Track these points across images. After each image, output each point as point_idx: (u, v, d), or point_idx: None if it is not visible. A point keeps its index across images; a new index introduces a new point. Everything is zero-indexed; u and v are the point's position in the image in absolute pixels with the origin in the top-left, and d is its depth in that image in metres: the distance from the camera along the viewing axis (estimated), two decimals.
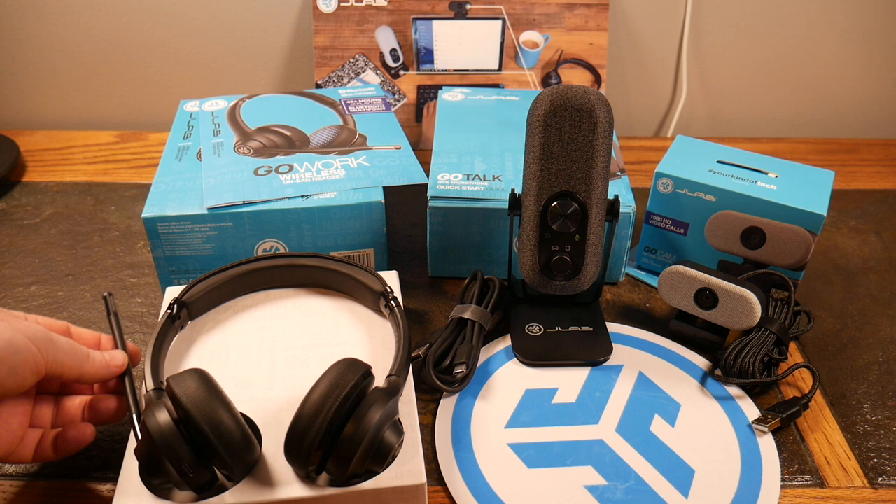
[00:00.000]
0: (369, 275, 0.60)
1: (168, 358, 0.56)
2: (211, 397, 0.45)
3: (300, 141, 0.75)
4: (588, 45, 0.92)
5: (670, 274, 0.63)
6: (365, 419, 0.45)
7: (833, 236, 0.81)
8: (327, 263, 0.62)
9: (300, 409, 0.45)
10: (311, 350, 0.58)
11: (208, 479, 0.46)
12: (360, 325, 0.60)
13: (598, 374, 0.62)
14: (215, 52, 0.98)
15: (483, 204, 0.68)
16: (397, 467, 0.48)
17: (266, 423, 0.51)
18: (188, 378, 0.46)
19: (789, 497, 0.53)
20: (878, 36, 0.97)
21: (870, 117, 1.04)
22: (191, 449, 0.44)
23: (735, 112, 1.04)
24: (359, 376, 0.46)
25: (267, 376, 0.55)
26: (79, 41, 0.97)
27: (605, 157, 0.58)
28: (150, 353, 0.51)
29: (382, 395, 0.47)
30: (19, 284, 0.72)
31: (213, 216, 0.65)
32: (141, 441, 0.45)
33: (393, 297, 0.57)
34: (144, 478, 0.47)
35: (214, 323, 0.60)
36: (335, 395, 0.45)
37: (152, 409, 0.45)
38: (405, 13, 0.91)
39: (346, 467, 0.46)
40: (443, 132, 0.78)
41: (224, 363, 0.56)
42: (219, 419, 0.45)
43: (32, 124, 1.03)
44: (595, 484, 0.53)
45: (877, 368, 0.64)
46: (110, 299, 0.55)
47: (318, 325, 0.60)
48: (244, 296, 0.63)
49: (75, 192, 0.86)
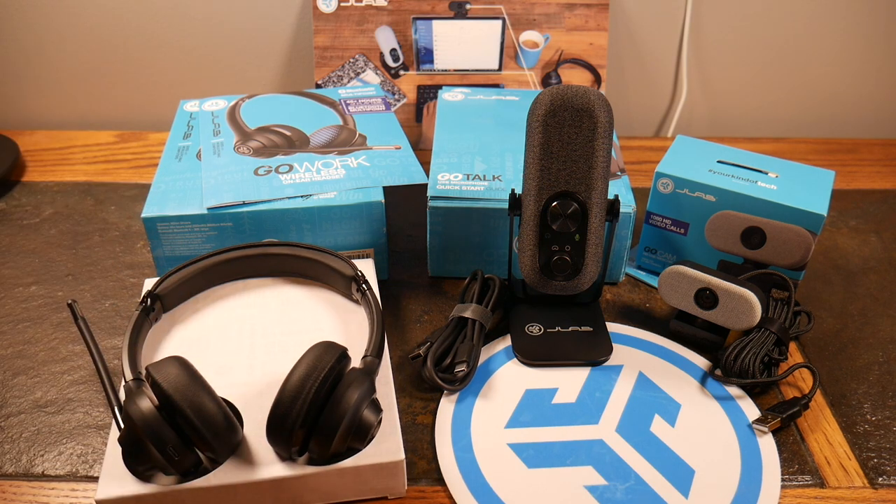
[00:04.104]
0: (340, 261, 0.61)
1: (145, 349, 0.57)
2: (191, 382, 0.46)
3: (300, 141, 0.75)
4: (588, 45, 0.92)
5: (670, 274, 0.63)
6: (344, 399, 0.47)
7: (833, 236, 0.81)
8: (298, 251, 0.62)
9: (280, 391, 0.46)
10: (290, 336, 0.59)
11: (194, 461, 0.47)
12: (336, 311, 0.61)
13: (598, 374, 0.62)
14: (215, 52, 0.98)
15: (483, 204, 0.68)
16: (376, 445, 0.50)
17: (247, 406, 0.52)
18: (168, 365, 0.47)
19: (789, 497, 0.53)
20: (878, 36, 0.97)
21: (870, 117, 1.04)
22: (175, 433, 0.45)
23: (735, 112, 1.04)
24: (335, 358, 0.48)
25: (246, 363, 0.56)
26: (79, 41, 0.97)
27: (605, 157, 0.58)
28: (126, 346, 0.52)
29: (360, 374, 0.48)
30: (19, 284, 0.72)
31: (213, 216, 0.65)
32: (124, 429, 0.46)
33: (364, 280, 0.58)
34: (129, 464, 0.48)
35: (191, 313, 0.61)
36: (314, 376, 0.46)
37: (133, 397, 0.46)
38: (405, 13, 0.91)
39: (327, 446, 0.47)
40: (443, 132, 0.78)
41: (203, 351, 0.57)
42: (200, 402, 0.46)
43: (32, 124, 1.03)
44: (595, 484, 0.53)
45: (877, 368, 0.64)
46: (75, 306, 0.55)
47: (295, 312, 0.61)
48: (219, 286, 0.63)
49: (75, 192, 0.86)
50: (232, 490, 0.48)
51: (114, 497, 0.46)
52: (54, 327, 0.67)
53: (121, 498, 0.46)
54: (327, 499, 0.50)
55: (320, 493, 0.50)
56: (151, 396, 0.46)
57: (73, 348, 0.65)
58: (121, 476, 0.47)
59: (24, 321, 0.67)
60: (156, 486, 0.47)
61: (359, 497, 0.51)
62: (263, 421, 0.49)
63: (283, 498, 0.49)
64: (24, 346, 0.65)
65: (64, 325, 0.67)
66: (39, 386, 0.61)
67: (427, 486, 0.53)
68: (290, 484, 0.49)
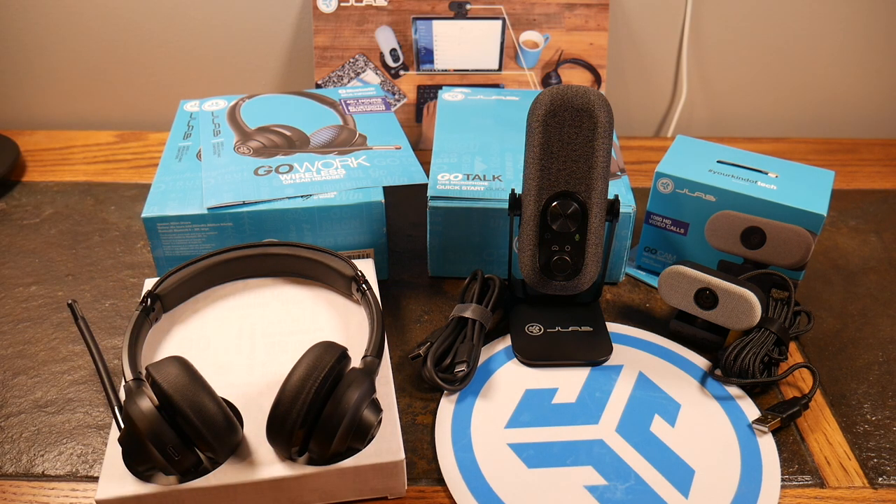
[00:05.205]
0: (340, 261, 0.61)
1: (145, 349, 0.57)
2: (191, 382, 0.46)
3: (300, 141, 0.75)
4: (588, 45, 0.92)
5: (670, 274, 0.63)
6: (344, 399, 0.47)
7: (833, 236, 0.81)
8: (298, 251, 0.62)
9: (280, 391, 0.46)
10: (290, 336, 0.59)
11: (194, 461, 0.47)
12: (337, 311, 0.61)
13: (598, 374, 0.62)
14: (215, 52, 0.98)
15: (483, 204, 0.68)
16: (376, 445, 0.50)
17: (247, 406, 0.52)
18: (168, 365, 0.47)
19: (789, 497, 0.53)
20: (878, 36, 0.97)
21: (870, 117, 1.04)
22: (175, 433, 0.45)
23: (735, 112, 1.04)
24: (335, 358, 0.48)
25: (246, 362, 0.56)
26: (79, 41, 0.97)
27: (605, 157, 0.58)
28: (126, 346, 0.52)
29: (359, 374, 0.48)
30: (19, 284, 0.72)
31: (213, 216, 0.65)
32: (124, 429, 0.46)
33: (364, 280, 0.58)
34: (129, 464, 0.48)
35: (191, 313, 0.61)
36: (314, 376, 0.46)
37: (133, 397, 0.46)
38: (405, 13, 0.91)
39: (327, 446, 0.47)
40: (443, 132, 0.78)
41: (203, 351, 0.57)
42: (200, 402, 0.46)
43: (32, 124, 1.03)
44: (595, 484, 0.53)
45: (877, 368, 0.64)
46: (75, 306, 0.55)
47: (296, 312, 0.61)
48: (219, 286, 0.63)
49: (75, 192, 0.86)
50: (232, 490, 0.48)
51: (114, 497, 0.46)
52: (54, 327, 0.67)
53: (121, 498, 0.46)
54: (327, 499, 0.51)
55: (320, 493, 0.50)
56: (151, 396, 0.46)
57: (73, 348, 0.65)
58: (121, 476, 0.47)
59: (24, 321, 0.67)
60: (156, 486, 0.47)
61: (359, 497, 0.51)
62: (263, 421, 0.49)
63: (282, 498, 0.49)
64: (24, 346, 0.65)
65: (64, 325, 0.67)
66: (39, 386, 0.61)
67: (427, 486, 0.53)
68: (289, 484, 0.49)
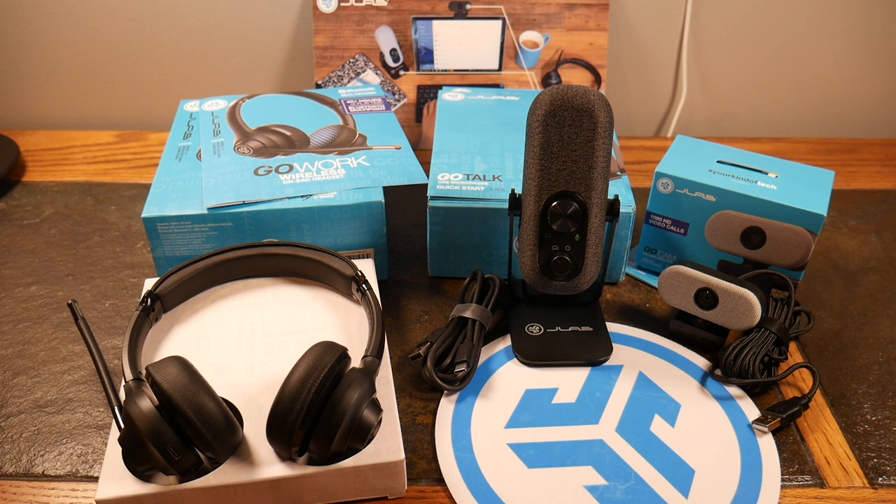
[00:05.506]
0: (340, 261, 0.61)
1: (145, 349, 0.57)
2: (192, 382, 0.46)
3: (300, 141, 0.75)
4: (588, 45, 0.92)
5: (670, 274, 0.63)
6: (344, 399, 0.47)
7: (833, 236, 0.81)
8: (298, 251, 0.62)
9: (280, 391, 0.46)
10: (290, 336, 0.59)
11: (194, 461, 0.47)
12: (337, 311, 0.61)
13: (598, 374, 0.62)
14: (215, 52, 0.98)
15: (483, 204, 0.68)
16: (376, 445, 0.50)
17: (247, 406, 0.52)
18: (168, 365, 0.47)
19: (789, 497, 0.53)
20: (878, 36, 0.97)
21: (870, 117, 1.04)
22: (175, 433, 0.45)
23: (735, 112, 1.04)
24: (335, 358, 0.48)
25: (246, 362, 0.56)
26: (79, 41, 0.97)
27: (605, 157, 0.58)
28: (126, 346, 0.52)
29: (359, 375, 0.48)
30: (19, 284, 0.72)
31: (213, 216, 0.65)
32: (124, 429, 0.46)
33: (364, 280, 0.58)
34: (129, 464, 0.48)
35: (191, 313, 0.61)
36: (314, 376, 0.46)
37: (133, 397, 0.46)
38: (405, 13, 0.91)
39: (327, 446, 0.47)
40: (443, 132, 0.78)
41: (203, 351, 0.57)
42: (201, 402, 0.46)
43: (32, 124, 1.03)
44: (595, 484, 0.53)
45: (877, 368, 0.64)
46: (75, 306, 0.55)
47: (296, 312, 0.61)
48: (219, 286, 0.64)
49: (75, 192, 0.86)
50: (232, 490, 0.48)
51: (114, 497, 0.46)
52: (54, 327, 0.67)
53: (121, 498, 0.46)
54: (327, 499, 0.51)
55: (320, 493, 0.50)
56: (151, 396, 0.46)
57: (73, 348, 0.65)
58: (121, 476, 0.47)
59: (24, 321, 0.67)
60: (156, 486, 0.47)
61: (359, 497, 0.51)
62: (263, 421, 0.49)
63: (282, 498, 0.49)
64: (24, 346, 0.65)
65: (64, 325, 0.67)
66: (39, 386, 0.61)
67: (427, 486, 0.53)
68: (289, 484, 0.49)
